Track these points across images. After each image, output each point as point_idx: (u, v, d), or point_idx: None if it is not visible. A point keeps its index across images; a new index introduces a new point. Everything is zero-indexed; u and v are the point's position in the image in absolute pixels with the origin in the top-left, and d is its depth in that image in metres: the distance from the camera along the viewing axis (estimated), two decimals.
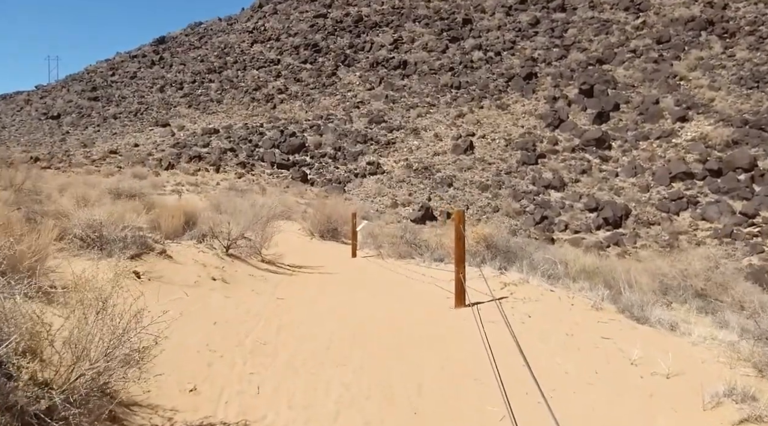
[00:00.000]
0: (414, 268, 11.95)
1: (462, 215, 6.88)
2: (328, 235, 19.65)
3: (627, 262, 24.36)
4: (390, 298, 7.80)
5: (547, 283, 8.98)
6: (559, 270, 9.66)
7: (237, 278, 7.63)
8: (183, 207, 10.79)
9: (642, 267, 15.59)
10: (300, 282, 8.68)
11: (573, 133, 53.05)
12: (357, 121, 59.49)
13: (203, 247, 8.65)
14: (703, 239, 39.23)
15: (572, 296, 7.44)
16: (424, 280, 9.70)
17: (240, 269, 8.37)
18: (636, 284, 10.86)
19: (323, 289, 8.14)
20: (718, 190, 42.92)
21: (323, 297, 7.49)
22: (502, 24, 76.04)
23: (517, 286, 7.80)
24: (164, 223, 9.43)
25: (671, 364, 4.63)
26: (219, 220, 9.42)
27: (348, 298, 7.65)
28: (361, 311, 6.76)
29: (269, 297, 7.03)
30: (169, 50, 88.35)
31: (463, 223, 6.90)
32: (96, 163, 44.56)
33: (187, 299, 6.19)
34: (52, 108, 72.58)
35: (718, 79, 57.14)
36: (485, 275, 9.06)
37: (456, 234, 6.92)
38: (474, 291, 7.70)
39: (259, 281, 7.98)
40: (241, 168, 47.95)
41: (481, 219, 43.30)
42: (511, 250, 11.73)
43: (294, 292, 7.60)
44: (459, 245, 6.90)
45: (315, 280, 9.24)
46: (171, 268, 6.96)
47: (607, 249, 39.79)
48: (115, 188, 15.27)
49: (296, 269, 11.05)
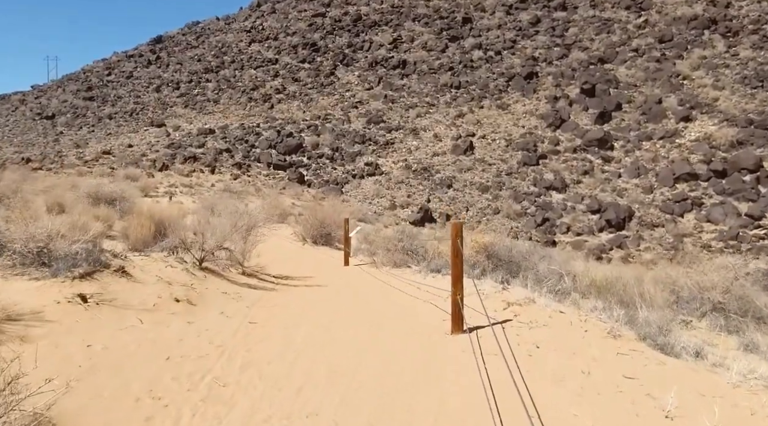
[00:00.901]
0: (409, 278, 11.08)
1: (459, 228, 6.01)
2: (321, 240, 18.79)
3: (635, 269, 23.50)
4: (379, 319, 6.92)
5: (555, 300, 8.10)
6: (567, 284, 8.76)
7: (206, 298, 6.76)
8: (157, 214, 9.91)
9: (652, 276, 14.69)
10: (280, 300, 7.80)
11: (575, 134, 52.17)
12: (355, 121, 58.61)
13: (173, 260, 7.79)
14: (708, 242, 38.37)
15: (584, 318, 6.56)
16: (419, 295, 8.82)
17: (213, 286, 7.49)
18: (650, 298, 9.97)
19: (305, 309, 7.26)
20: (723, 192, 42.04)
21: (303, 320, 6.62)
22: (502, 23, 75.17)
23: (522, 307, 6.92)
24: (133, 232, 8.58)
25: (717, 419, 3.76)
26: (199, 228, 8.54)
27: (331, 321, 6.77)
28: (344, 340, 5.87)
29: (240, 321, 6.15)
30: (166, 50, 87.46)
31: (461, 236, 6.02)
32: (88, 164, 43.68)
33: (140, 328, 5.32)
34: (46, 108, 71.68)
35: (722, 78, 56.28)
36: (486, 291, 8.18)
37: (452, 249, 6.04)
38: (473, 311, 6.83)
39: (232, 301, 7.10)
40: (237, 169, 47.07)
41: (481, 221, 42.43)
42: (513, 260, 10.84)
43: (271, 314, 6.73)
44: (456, 262, 6.02)
45: (298, 296, 8.36)
46: (128, 288, 6.09)
47: (610, 252, 38.94)
48: (95, 192, 14.38)
49: (281, 281, 10.17)
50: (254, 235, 10.66)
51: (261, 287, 8.68)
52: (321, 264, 14.25)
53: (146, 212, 9.97)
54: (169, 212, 10.44)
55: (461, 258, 6.03)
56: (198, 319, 6.01)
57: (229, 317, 6.29)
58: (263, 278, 9.91)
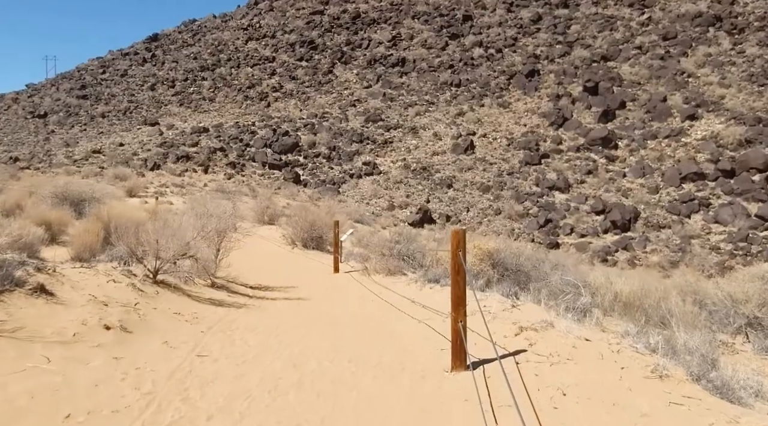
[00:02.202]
0: (404, 289, 9.81)
1: (461, 237, 4.73)
2: (311, 244, 17.53)
3: (648, 274, 22.18)
4: (363, 349, 5.64)
5: (575, 319, 6.81)
6: (586, 299, 7.46)
7: (151, 322, 5.49)
8: (118, 216, 8.64)
9: (671, 284, 13.40)
10: (248, 320, 6.53)
11: (577, 132, 50.90)
12: (353, 120, 57.32)
13: (119, 273, 6.52)
14: (717, 243, 37.09)
15: (617, 348, 5.28)
16: (413, 312, 7.54)
17: (164, 305, 6.21)
18: (678, 313, 8.68)
19: (275, 333, 5.98)
20: (731, 192, 40.78)
21: (267, 350, 5.35)
22: (503, 20, 73.90)
23: (539, 332, 5.64)
24: (78, 239, 7.32)
25: None
26: (154, 233, 7.25)
27: (303, 351, 5.49)
28: (314, 382, 4.59)
29: (186, 354, 4.89)
30: (162, 48, 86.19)
31: (463, 247, 4.74)
32: (77, 163, 42.41)
33: (45, 369, 4.05)
34: (39, 107, 70.38)
35: (728, 75, 55.02)
36: (493, 309, 6.89)
37: (453, 264, 4.76)
38: (478, 337, 5.55)
39: (184, 324, 5.81)
40: (231, 168, 45.79)
41: (482, 222, 41.13)
42: (522, 268, 9.56)
43: (229, 342, 5.46)
44: (457, 281, 4.75)
45: (271, 314, 7.08)
46: (45, 312, 4.83)
47: (616, 254, 37.65)
48: (61, 192, 13.10)
49: (256, 294, 8.89)
50: (228, 240, 9.39)
51: (228, 304, 7.40)
52: (308, 271, 12.99)
53: (104, 214, 8.71)
54: (134, 214, 9.16)
55: (464, 275, 4.75)
56: (130, 352, 4.73)
57: (174, 348, 5.02)
58: (235, 291, 8.63)
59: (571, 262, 12.18)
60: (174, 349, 5.05)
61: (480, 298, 6.96)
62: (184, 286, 7.49)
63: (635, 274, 22.46)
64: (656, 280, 15.58)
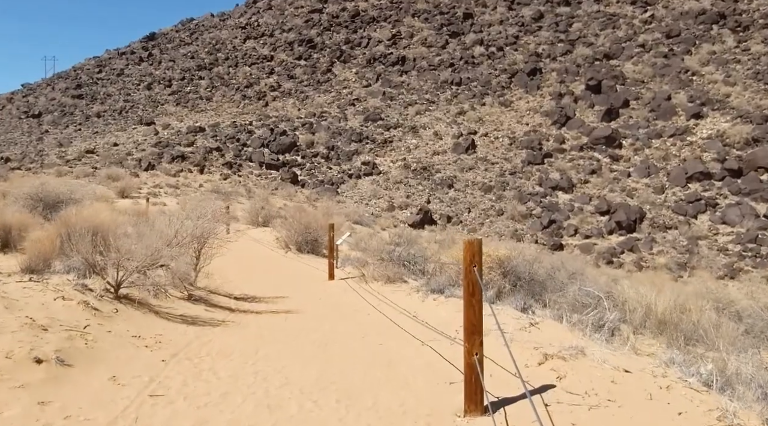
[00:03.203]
0: (404, 300, 8.85)
1: (476, 250, 3.77)
2: (306, 248, 16.58)
3: (660, 278, 21.22)
4: (355, 382, 4.68)
5: (603, 339, 5.86)
6: (612, 314, 6.50)
7: (100, 349, 4.53)
8: (88, 220, 7.68)
9: (692, 292, 12.44)
10: (223, 343, 5.56)
11: (581, 131, 49.94)
12: (352, 119, 56.35)
13: (71, 288, 5.56)
14: (725, 245, 36.15)
15: (665, 382, 4.32)
16: (415, 330, 6.58)
17: (121, 326, 5.25)
18: (712, 327, 7.72)
19: (252, 361, 5.02)
20: (738, 192, 39.84)
21: (241, 385, 4.38)
22: (504, 18, 72.96)
23: (567, 362, 4.67)
24: (30, 247, 6.39)
25: None
26: (118, 240, 6.30)
27: (283, 386, 4.52)
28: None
29: (136, 394, 3.93)
30: (159, 47, 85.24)
31: (479, 263, 3.77)
32: (70, 163, 41.44)
33: None
34: (33, 106, 69.42)
35: (733, 73, 54.08)
36: (509, 327, 5.92)
37: (466, 284, 3.80)
38: (493, 365, 4.61)
39: (141, 352, 4.82)
40: (227, 168, 44.84)
41: (484, 223, 40.17)
42: (536, 278, 8.59)
43: (193, 374, 4.50)
44: (472, 304, 3.79)
45: (252, 335, 6.12)
46: None
47: (621, 255, 36.68)
48: (36, 193, 12.16)
49: (239, 307, 7.93)
50: (210, 246, 8.44)
51: (203, 321, 6.44)
52: (301, 278, 12.04)
53: (71, 218, 7.77)
54: (107, 217, 8.21)
55: (480, 296, 3.79)
56: (62, 394, 3.77)
57: (122, 385, 4.06)
58: (216, 304, 7.67)
59: (588, 269, 11.21)
60: (122, 388, 4.09)
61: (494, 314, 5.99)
62: (153, 300, 6.53)
63: (645, 278, 21.49)
64: (672, 286, 14.60)
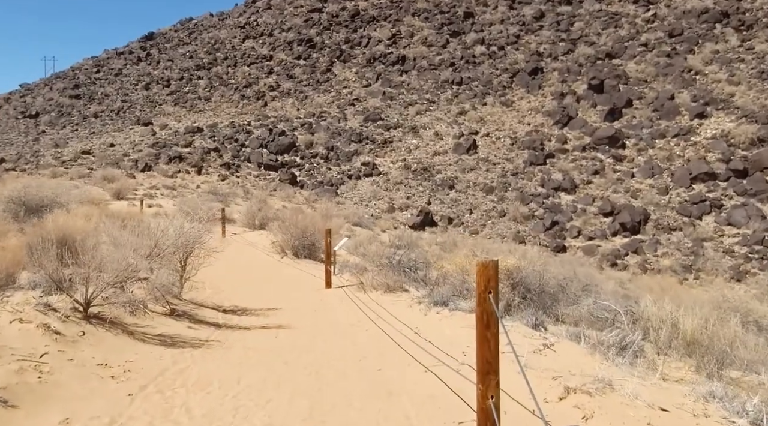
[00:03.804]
0: (405, 313, 8.26)
1: (491, 274, 3.18)
2: (303, 252, 15.99)
3: (668, 282, 20.66)
4: (351, 417, 4.08)
5: (625, 362, 5.27)
6: (635, 334, 5.91)
7: (56, 383, 3.92)
8: (61, 227, 7.10)
9: (709, 300, 11.84)
10: (203, 370, 4.94)
11: (583, 131, 49.33)
12: (352, 119, 55.77)
13: (32, 308, 4.97)
14: (731, 246, 35.57)
15: (707, 423, 3.72)
16: (418, 351, 5.99)
17: (86, 353, 4.64)
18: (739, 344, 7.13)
19: (234, 394, 4.38)
20: (744, 193, 39.24)
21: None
22: (505, 17, 72.35)
23: (593, 397, 4.08)
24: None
25: None
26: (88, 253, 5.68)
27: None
28: None
29: None
30: (157, 46, 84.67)
31: (496, 289, 3.18)
32: (66, 164, 40.87)
33: None
34: (31, 106, 68.85)
35: (737, 73, 53.43)
36: (522, 349, 5.31)
37: (479, 314, 3.21)
38: (509, 400, 4.01)
39: (105, 384, 4.21)
40: (225, 169, 44.26)
41: (486, 224, 39.58)
42: (547, 290, 7.99)
43: (164, 413, 3.89)
44: (486, 339, 3.20)
45: (237, 358, 5.51)
46: None
47: (625, 257, 36.09)
48: (18, 196, 11.57)
49: (227, 323, 7.34)
50: (197, 255, 7.85)
51: (184, 341, 5.85)
52: (296, 286, 11.45)
53: (48, 225, 7.19)
54: (81, 226, 7.61)
55: (497, 329, 3.20)
56: None
57: None
58: (201, 319, 7.08)
59: (596, 274, 10.61)
60: None
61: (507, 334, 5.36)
62: (129, 318, 5.95)
63: (653, 283, 20.89)
64: (686, 294, 13.99)
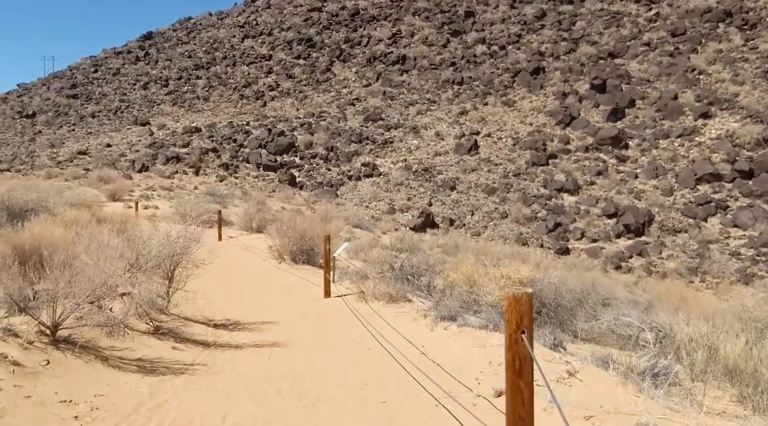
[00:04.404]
0: (410, 328, 7.69)
1: (524, 310, 2.60)
2: (301, 258, 15.40)
3: (677, 287, 20.04)
4: None
5: (664, 395, 4.70)
6: (668, 359, 5.31)
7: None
8: (36, 236, 6.53)
9: (729, 310, 11.25)
10: (183, 403, 4.32)
11: (586, 131, 48.77)
12: (352, 119, 55.18)
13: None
14: (737, 249, 34.99)
15: None
16: (425, 377, 5.41)
17: (48, 387, 4.03)
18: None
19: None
20: (750, 194, 38.68)
21: None
22: (506, 17, 71.78)
23: None
24: None
25: None
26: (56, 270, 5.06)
27: None
28: None
29: None
30: (156, 46, 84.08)
31: (530, 328, 2.59)
32: (61, 165, 40.28)
33: None
34: (28, 106, 68.24)
35: (741, 72, 52.87)
36: (543, 373, 4.71)
37: (510, 360, 2.61)
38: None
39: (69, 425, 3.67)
40: (224, 170, 43.67)
41: (488, 226, 39.00)
42: (563, 304, 7.40)
43: None
44: (519, 389, 2.60)
45: (224, 385, 4.91)
46: None
47: (630, 260, 35.49)
48: (0, 200, 11.00)
49: (218, 339, 6.76)
50: (185, 266, 7.27)
51: (165, 366, 5.25)
52: (293, 295, 10.87)
53: (22, 234, 6.63)
54: (59, 233, 7.03)
55: (531, 377, 2.60)
56: None
57: None
58: (188, 337, 6.48)
59: (611, 284, 10.03)
60: None
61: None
62: (106, 341, 5.35)
63: (662, 287, 20.29)
64: (704, 302, 13.38)
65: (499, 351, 5.98)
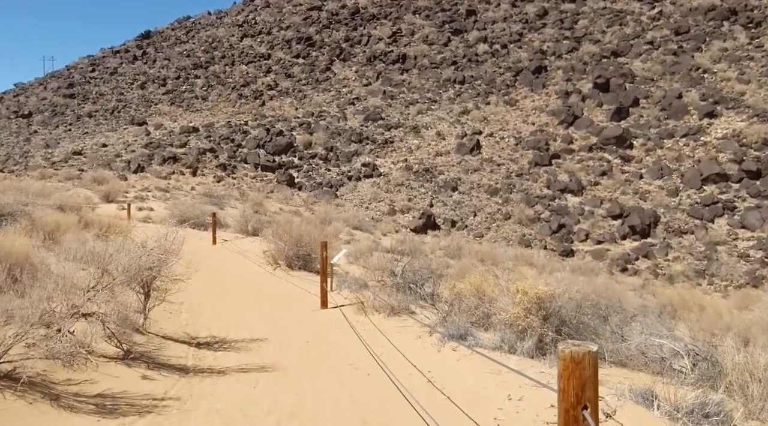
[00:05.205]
0: (413, 347, 6.95)
1: (587, 376, 1.85)
2: (297, 263, 14.65)
3: (694, 296, 19.30)
4: None
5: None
6: (718, 394, 4.54)
7: None
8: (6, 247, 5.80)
9: (755, 321, 10.50)
10: None
11: (589, 131, 47.99)
12: (352, 119, 54.41)
13: None
14: (746, 250, 34.22)
15: None
16: (435, 411, 4.65)
17: None
18: None
19: None
20: (758, 194, 37.93)
21: None
22: (508, 15, 70.98)
23: None
24: None
25: None
26: None
27: None
28: None
29: None
30: (154, 45, 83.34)
31: (595, 402, 1.83)
32: (56, 165, 39.54)
33: None
34: (24, 106, 67.51)
35: (747, 71, 52.09)
36: None
37: None
38: None
39: None
40: (221, 170, 42.95)
41: (491, 227, 38.24)
42: (584, 321, 6.63)
43: None
44: None
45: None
46: None
47: (636, 262, 34.69)
48: None
49: (198, 364, 6.01)
50: (163, 278, 6.52)
51: (128, 405, 4.44)
52: (288, 306, 10.11)
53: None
54: (21, 244, 6.30)
55: None
56: None
57: None
58: (163, 362, 5.73)
59: (634, 298, 9.25)
60: None
61: (536, 378, 3.96)
62: (62, 372, 4.58)
63: (672, 292, 19.49)
64: (728, 312, 12.60)
65: (518, 380, 5.16)
